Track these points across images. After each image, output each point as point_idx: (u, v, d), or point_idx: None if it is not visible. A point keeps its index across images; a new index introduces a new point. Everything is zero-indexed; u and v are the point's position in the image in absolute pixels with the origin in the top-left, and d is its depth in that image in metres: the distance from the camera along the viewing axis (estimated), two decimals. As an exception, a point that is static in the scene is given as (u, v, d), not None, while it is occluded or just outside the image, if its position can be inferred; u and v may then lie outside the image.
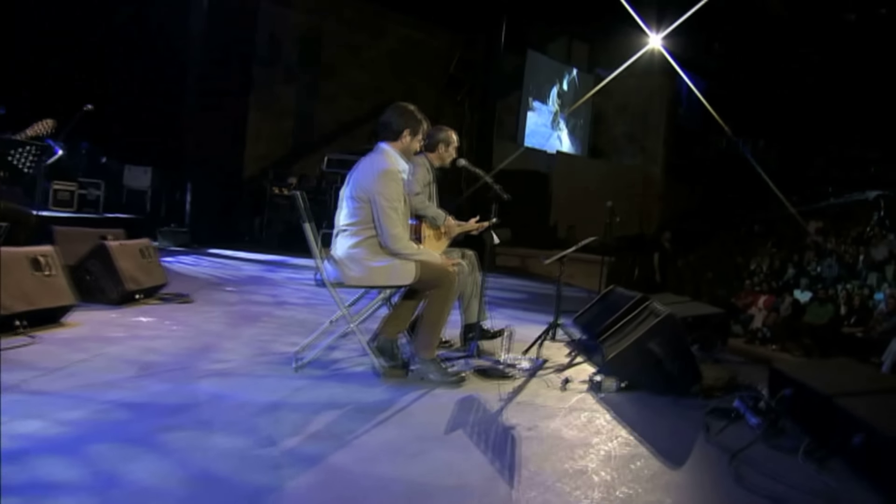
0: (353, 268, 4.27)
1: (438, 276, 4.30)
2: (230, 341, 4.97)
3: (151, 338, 4.84)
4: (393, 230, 4.21)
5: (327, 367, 4.51)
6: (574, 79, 20.59)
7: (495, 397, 4.18)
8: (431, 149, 5.53)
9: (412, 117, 4.46)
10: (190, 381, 3.91)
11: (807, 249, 14.04)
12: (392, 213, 4.21)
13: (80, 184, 10.36)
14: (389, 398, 3.92)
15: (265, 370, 4.29)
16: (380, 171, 4.26)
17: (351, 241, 4.31)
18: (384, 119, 4.50)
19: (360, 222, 4.30)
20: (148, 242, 6.43)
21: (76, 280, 5.82)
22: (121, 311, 5.60)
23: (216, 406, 3.53)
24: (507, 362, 4.97)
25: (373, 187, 4.24)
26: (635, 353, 4.70)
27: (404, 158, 4.48)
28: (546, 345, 5.84)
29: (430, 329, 4.36)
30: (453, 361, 4.90)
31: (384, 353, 4.53)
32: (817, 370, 4.72)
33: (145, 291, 6.07)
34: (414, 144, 4.50)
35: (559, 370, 5.08)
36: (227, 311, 6.16)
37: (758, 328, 11.43)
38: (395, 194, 4.24)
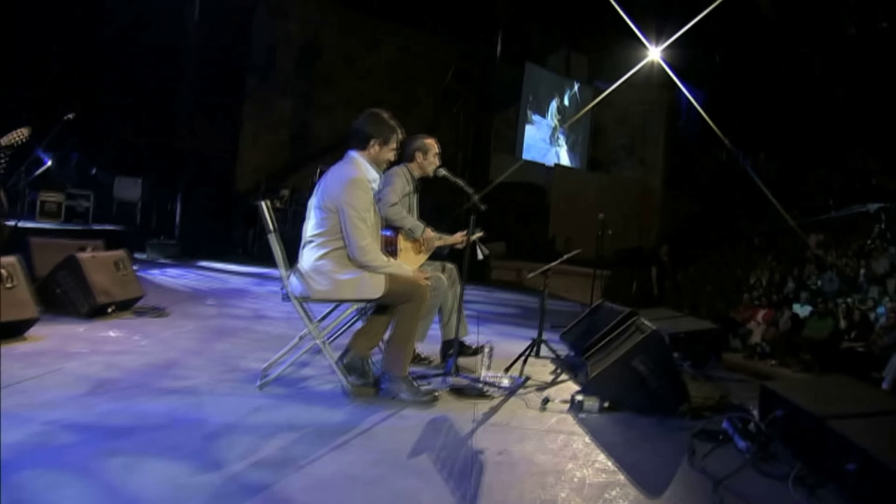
0: (319, 281, 4.03)
1: (409, 289, 4.06)
2: (197, 357, 4.73)
3: (115, 353, 4.61)
4: (361, 242, 3.97)
5: (294, 385, 4.26)
6: (575, 94, 20.39)
7: (468, 418, 3.93)
8: (409, 158, 5.30)
9: (382, 125, 4.23)
10: (143, 400, 3.66)
11: (807, 263, 13.76)
12: (360, 224, 3.98)
13: (69, 195, 10.15)
14: (353, 419, 3.67)
15: (227, 388, 4.05)
16: (348, 180, 4.03)
17: (317, 252, 4.07)
18: (354, 126, 4.28)
19: (327, 233, 4.06)
20: (124, 254, 6.20)
21: (47, 293, 5.63)
22: (90, 325, 5.37)
23: (164, 428, 3.29)
24: (486, 380, 4.72)
25: (340, 197, 4.00)
26: (619, 370, 4.45)
27: (375, 168, 4.24)
28: (531, 362, 5.61)
29: (401, 345, 4.11)
30: (429, 379, 4.65)
31: (354, 370, 4.28)
32: (811, 389, 4.45)
33: (119, 304, 5.84)
34: (385, 153, 4.26)
35: (541, 389, 4.83)
36: (202, 325, 5.91)
37: (757, 343, 11.16)
38: (363, 204, 4.01)
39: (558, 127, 20.15)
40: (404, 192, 5.19)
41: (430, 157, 5.28)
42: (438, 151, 5.34)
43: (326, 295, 4.05)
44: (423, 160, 5.27)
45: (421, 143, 5.29)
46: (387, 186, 5.10)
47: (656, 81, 18.20)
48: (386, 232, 5.00)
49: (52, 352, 4.48)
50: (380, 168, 4.28)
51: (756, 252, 15.91)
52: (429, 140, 5.32)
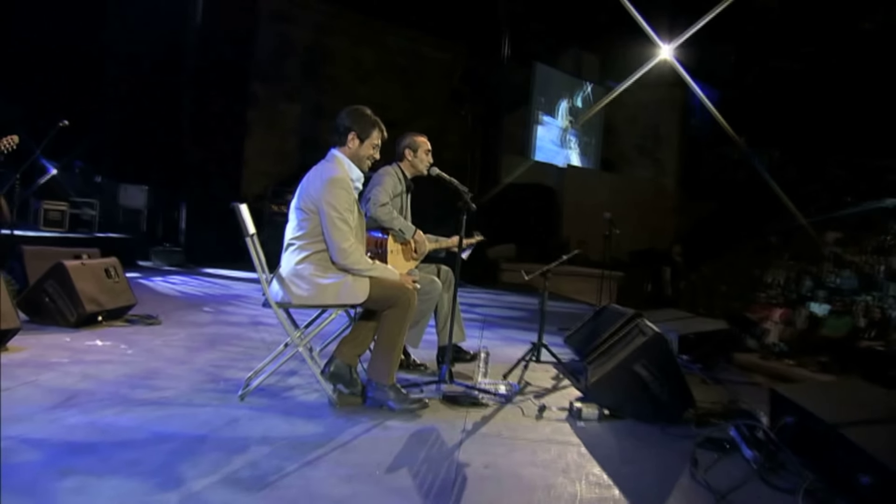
0: (300, 285, 3.81)
1: (394, 294, 3.82)
2: (181, 367, 4.52)
3: (96, 363, 4.41)
4: (342, 244, 3.75)
5: (278, 395, 4.04)
6: (588, 95, 20.07)
7: (458, 428, 3.69)
8: (399, 157, 5.09)
9: (360, 119, 4.01)
10: (113, 412, 3.46)
11: (824, 260, 13.37)
12: (341, 225, 3.76)
13: (73, 203, 10.02)
14: (333, 431, 3.44)
15: (206, 399, 3.83)
16: (328, 179, 3.81)
17: (298, 256, 3.86)
18: (335, 121, 4.06)
19: (307, 235, 3.85)
20: (115, 262, 6.02)
21: (35, 302, 5.45)
22: (77, 335, 5.18)
23: (128, 443, 3.07)
24: (482, 388, 4.47)
25: (320, 196, 3.79)
26: (619, 376, 4.19)
27: (357, 165, 4.02)
28: (532, 367, 5.37)
29: (386, 352, 3.88)
30: (422, 387, 4.41)
31: (340, 378, 4.05)
32: (824, 394, 4.16)
33: (109, 313, 5.65)
34: (365, 149, 4.03)
35: (540, 396, 4.58)
36: (194, 333, 5.71)
37: (773, 342, 10.80)
38: (344, 204, 3.79)
39: (569, 128, 19.82)
40: (395, 193, 4.97)
41: (420, 154, 5.06)
42: (429, 149, 5.11)
43: (307, 300, 3.83)
44: (413, 158, 5.06)
45: (410, 141, 5.08)
46: (376, 186, 4.88)
47: (668, 80, 17.88)
48: (375, 233, 4.79)
49: (31, 362, 4.29)
50: (362, 166, 4.06)
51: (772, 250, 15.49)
52: (418, 137, 5.11)
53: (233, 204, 3.88)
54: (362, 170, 4.07)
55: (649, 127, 19.88)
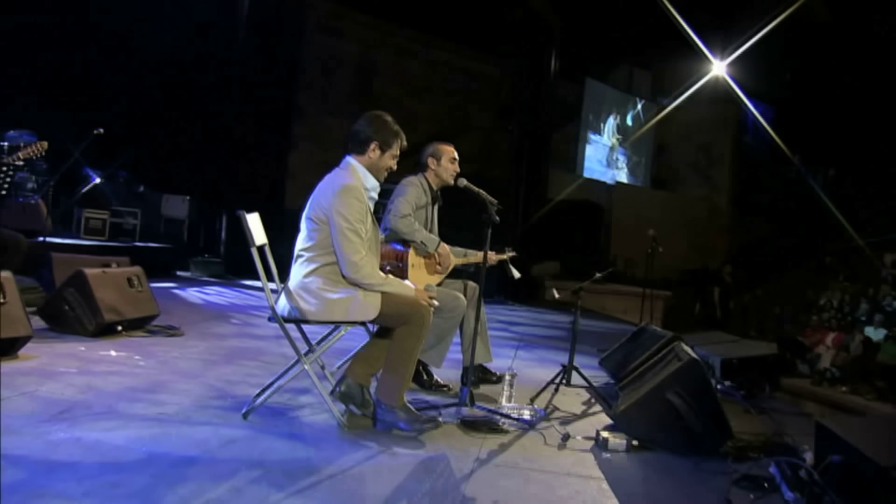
0: (307, 300, 3.58)
1: (407, 310, 3.56)
2: (191, 381, 4.32)
3: (103, 374, 4.23)
4: (352, 256, 3.50)
5: (284, 414, 3.80)
6: (639, 112, 19.63)
7: (471, 456, 3.41)
8: (423, 167, 4.84)
9: (384, 127, 3.78)
10: (105, 428, 3.25)
11: (882, 283, 12.74)
12: (352, 237, 3.52)
13: (114, 212, 10.00)
14: (334, 456, 3.19)
15: (207, 417, 3.61)
16: (340, 187, 3.58)
17: (306, 268, 3.63)
18: (354, 127, 3.85)
19: (316, 246, 3.62)
20: (139, 271, 5.87)
21: (54, 309, 5.33)
22: (93, 344, 5.02)
23: (111, 462, 2.86)
24: (504, 412, 4.18)
25: (331, 205, 3.56)
26: (651, 404, 3.86)
27: (374, 175, 3.78)
28: (563, 391, 5.03)
29: (397, 371, 3.61)
30: (440, 409, 4.13)
31: (351, 399, 3.79)
32: (877, 429, 3.77)
33: (130, 323, 5.49)
34: (385, 160, 3.80)
35: (567, 422, 4.27)
36: (215, 345, 5.53)
37: (826, 368, 10.29)
38: (356, 214, 3.55)
39: (616, 147, 19.39)
40: (419, 204, 4.72)
41: (444, 162, 4.81)
42: (455, 157, 4.85)
43: (315, 315, 3.59)
44: (437, 167, 4.81)
45: (434, 149, 4.83)
46: (399, 196, 4.65)
47: (721, 97, 17.39)
48: (396, 246, 4.54)
49: (36, 371, 4.13)
50: (379, 177, 3.83)
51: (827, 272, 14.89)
52: (442, 145, 4.85)
53: (238, 212, 3.68)
54: (379, 180, 3.84)
55: (702, 144, 19.38)
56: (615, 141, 19.29)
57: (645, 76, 19.38)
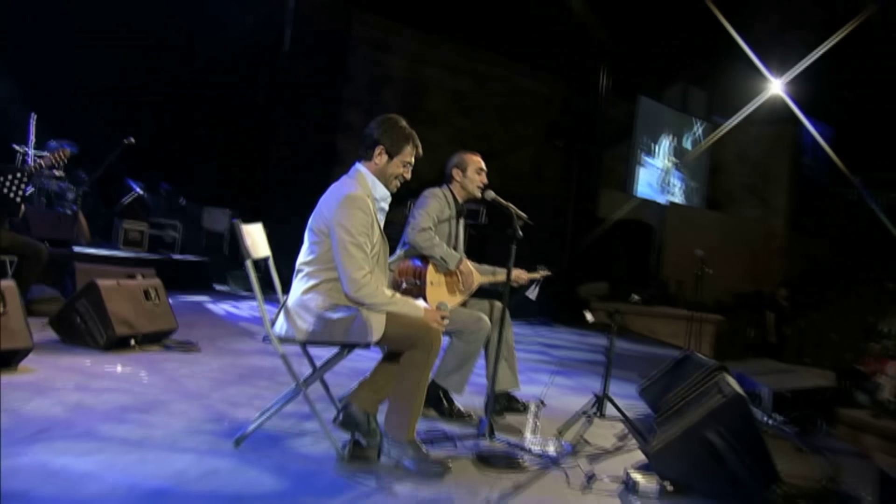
0: (305, 318, 3.25)
1: (414, 332, 3.18)
2: (192, 401, 4.00)
3: (99, 391, 3.94)
4: (353, 273, 3.14)
5: (280, 442, 3.45)
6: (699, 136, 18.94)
7: (479, 497, 3.00)
8: (448, 178, 4.48)
9: (393, 131, 3.43)
10: (78, 452, 2.94)
11: (950, 312, 11.89)
12: (354, 251, 3.16)
13: (155, 224, 9.86)
14: (326, 493, 2.83)
15: (196, 443, 3.28)
16: (343, 197, 3.24)
17: (305, 284, 3.30)
18: (364, 132, 3.50)
19: (317, 261, 3.28)
20: (157, 283, 5.61)
21: (66, 321, 5.09)
22: (101, 358, 4.75)
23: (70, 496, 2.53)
24: (526, 446, 3.76)
25: (333, 216, 3.22)
26: (688, 443, 3.40)
27: (383, 184, 3.43)
28: (597, 423, 4.57)
29: (404, 402, 3.22)
30: (456, 441, 3.74)
31: (356, 427, 3.39)
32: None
33: (144, 337, 5.22)
34: (393, 167, 3.44)
35: (595, 459, 3.82)
36: (231, 362, 5.22)
37: (887, 399, 9.53)
38: (359, 227, 3.19)
39: (671, 170, 18.72)
40: (441, 217, 4.35)
41: (470, 173, 4.44)
42: (482, 168, 4.48)
43: (312, 336, 3.25)
44: (462, 178, 4.44)
45: (459, 159, 4.47)
46: (419, 209, 4.29)
47: (779, 116, 16.67)
48: (415, 262, 4.18)
49: (30, 386, 3.86)
50: (389, 186, 3.47)
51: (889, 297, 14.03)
52: (468, 154, 4.49)
53: (233, 220, 3.36)
54: (390, 189, 3.49)
55: (758, 165, 18.63)
56: (669, 164, 18.64)
57: (700, 95, 18.71)
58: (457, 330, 4.19)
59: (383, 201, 3.46)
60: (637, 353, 9.48)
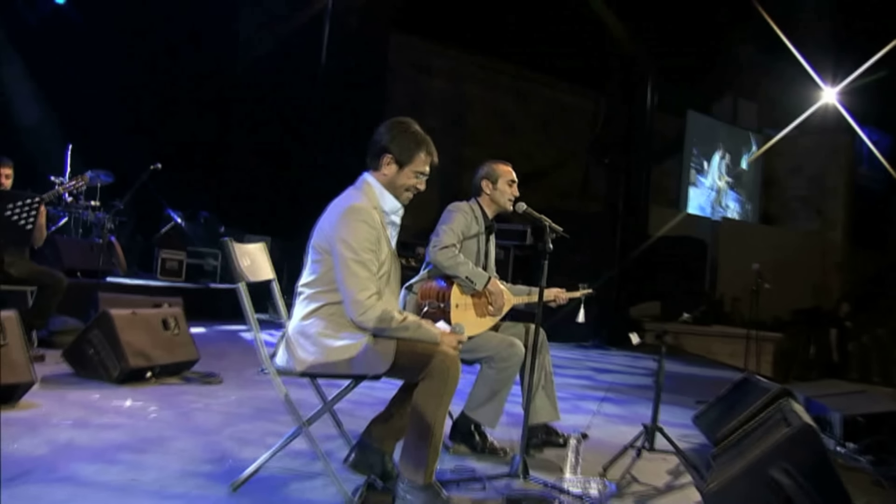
0: (305, 347, 2.84)
1: (425, 360, 2.73)
2: (197, 438, 3.62)
3: (99, 427, 3.58)
4: (357, 294, 2.73)
5: (285, 486, 3.04)
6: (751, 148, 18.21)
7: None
8: (476, 191, 4.06)
9: (400, 137, 3.02)
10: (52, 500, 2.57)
11: None
12: (357, 269, 2.75)
13: (193, 253, 9.62)
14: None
15: (187, 487, 2.88)
16: (345, 209, 2.85)
17: (306, 308, 2.90)
18: (372, 138, 3.11)
19: (318, 281, 2.88)
20: (178, 312, 5.29)
21: (79, 353, 4.78)
22: (112, 392, 4.41)
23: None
24: (563, 486, 3.28)
25: (334, 231, 2.82)
26: (750, 482, 2.89)
27: (393, 195, 3.02)
28: (646, 456, 4.03)
29: (420, 439, 2.76)
30: (485, 483, 3.27)
31: (370, 468, 2.97)
32: None
33: (162, 368, 4.88)
34: (403, 178, 3.02)
35: (644, 499, 3.32)
36: (251, 395, 4.82)
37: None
38: (363, 242, 2.79)
39: (724, 190, 18.01)
40: (468, 233, 3.92)
41: (501, 185, 4.01)
42: (514, 179, 4.05)
43: (313, 367, 2.85)
44: (492, 191, 4.02)
45: (488, 170, 4.04)
46: (442, 224, 3.87)
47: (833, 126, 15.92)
48: (439, 282, 3.75)
49: (25, 422, 3.53)
50: (400, 197, 3.05)
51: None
52: (498, 164, 4.06)
53: (223, 239, 2.99)
54: (401, 202, 3.07)
55: (813, 177, 17.81)
56: (723, 184, 17.95)
57: (750, 107, 18.01)
58: (487, 356, 3.75)
59: (394, 214, 3.05)
60: (692, 376, 8.87)
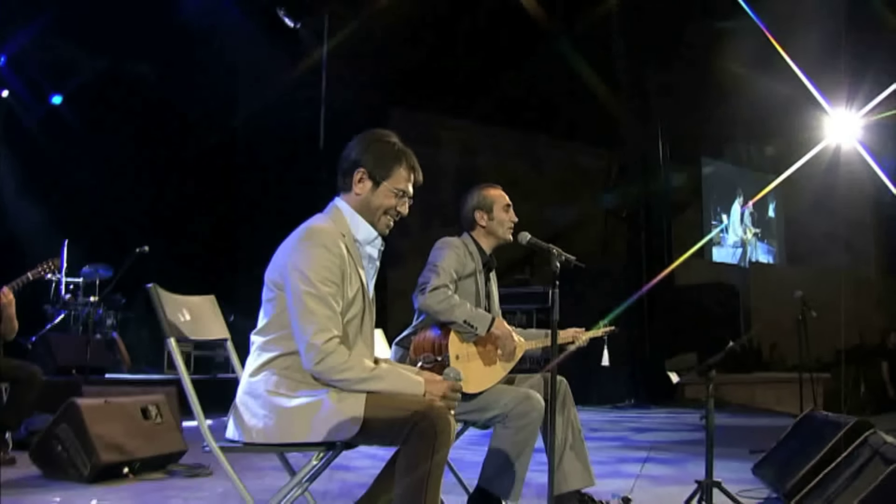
0: (253, 411, 2.21)
1: (406, 417, 2.06)
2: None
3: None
4: (314, 336, 2.11)
5: None
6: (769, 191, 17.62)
7: None
8: (469, 224, 3.44)
9: (374, 149, 2.41)
10: None
11: None
12: (314, 305, 2.13)
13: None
14: None
15: None
16: (302, 231, 2.25)
17: (256, 361, 2.29)
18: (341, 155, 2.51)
19: (271, 325, 2.29)
20: (161, 399, 4.66)
21: (46, 451, 4.14)
22: (76, 493, 3.77)
23: None
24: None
25: (288, 258, 2.21)
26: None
27: (369, 221, 2.40)
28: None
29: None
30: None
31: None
32: None
33: (143, 463, 4.23)
34: (380, 197, 2.39)
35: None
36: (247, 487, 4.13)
37: None
38: (321, 271, 2.18)
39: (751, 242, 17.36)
40: (462, 272, 3.27)
41: (497, 213, 3.41)
42: (508, 203, 3.45)
43: (265, 436, 2.19)
44: (488, 221, 3.41)
45: (479, 199, 3.44)
46: (430, 263, 3.25)
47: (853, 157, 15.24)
48: (434, 331, 3.10)
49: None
50: (377, 224, 2.42)
51: None
52: (488, 189, 3.47)
53: (146, 286, 2.39)
54: (378, 229, 2.44)
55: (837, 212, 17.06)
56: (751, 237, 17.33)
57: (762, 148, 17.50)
58: (500, 415, 3.05)
59: (369, 245, 2.42)
60: (740, 427, 8.03)
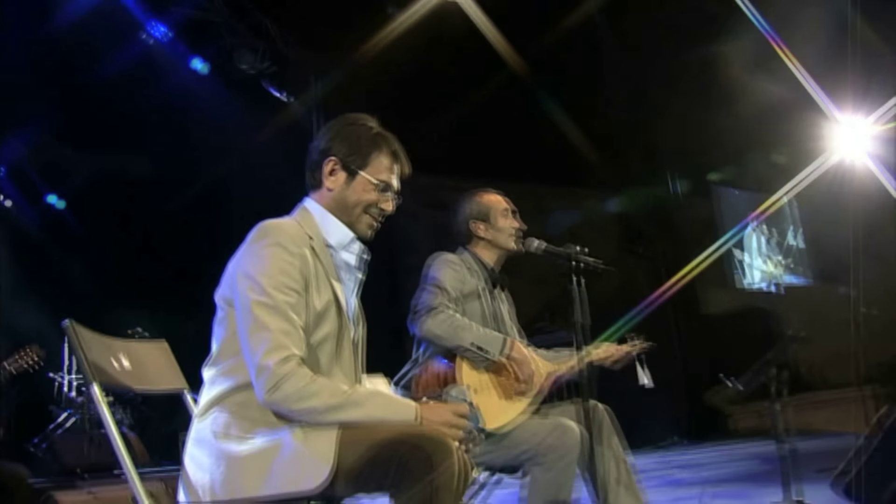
0: (199, 461, 1.66)
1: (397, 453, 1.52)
2: None
3: None
4: (264, 356, 1.59)
5: None
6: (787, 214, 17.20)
7: None
8: (465, 237, 2.94)
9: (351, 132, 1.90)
10: None
11: None
12: (266, 317, 1.63)
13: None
14: None
15: None
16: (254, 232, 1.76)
17: (205, 397, 1.74)
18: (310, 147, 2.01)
19: (220, 354, 1.76)
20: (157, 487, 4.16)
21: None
22: None
23: None
24: None
25: (237, 266, 1.73)
26: None
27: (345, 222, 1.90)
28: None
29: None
30: None
31: None
32: None
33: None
34: (356, 191, 1.87)
35: None
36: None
37: None
38: (275, 275, 1.67)
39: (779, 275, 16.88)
40: (466, 290, 2.74)
41: (498, 221, 2.91)
42: (507, 208, 2.97)
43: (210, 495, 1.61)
44: (487, 231, 2.91)
45: (476, 208, 2.95)
46: (425, 283, 2.74)
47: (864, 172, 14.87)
48: (440, 362, 2.57)
49: None
50: (355, 225, 1.90)
51: None
52: (486, 196, 2.98)
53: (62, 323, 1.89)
54: (357, 230, 1.91)
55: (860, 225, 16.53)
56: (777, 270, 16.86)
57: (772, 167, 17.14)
58: (529, 450, 2.48)
59: (346, 250, 1.90)
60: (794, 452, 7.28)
